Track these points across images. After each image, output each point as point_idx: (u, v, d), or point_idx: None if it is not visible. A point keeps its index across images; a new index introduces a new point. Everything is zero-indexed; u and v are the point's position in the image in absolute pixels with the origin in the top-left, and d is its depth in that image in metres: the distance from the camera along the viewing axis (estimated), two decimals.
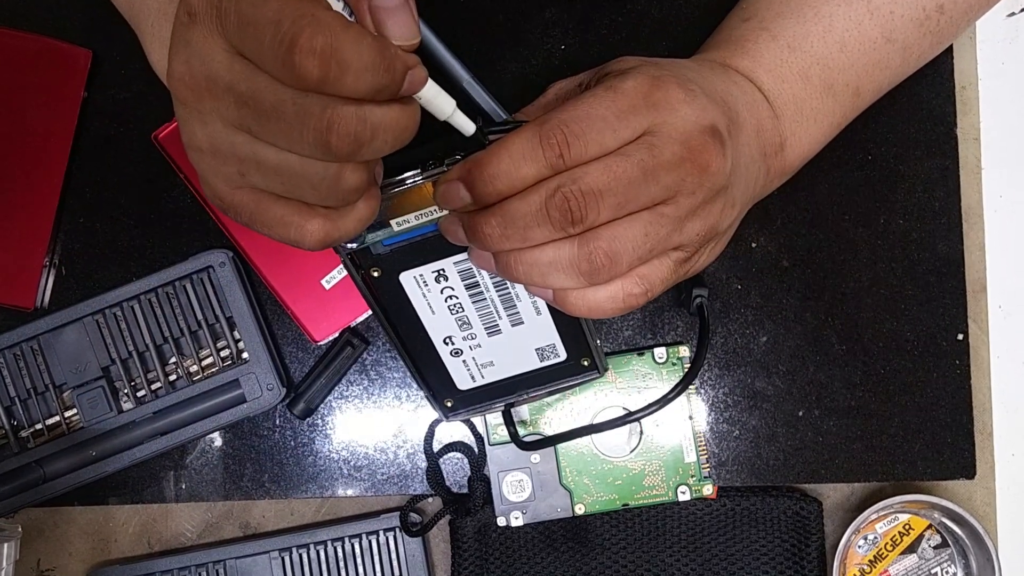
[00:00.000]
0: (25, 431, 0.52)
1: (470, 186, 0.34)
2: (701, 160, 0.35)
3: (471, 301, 0.41)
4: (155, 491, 0.53)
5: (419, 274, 0.40)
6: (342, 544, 0.53)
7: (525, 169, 0.34)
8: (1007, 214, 0.56)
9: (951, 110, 0.54)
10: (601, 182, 0.34)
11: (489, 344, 0.43)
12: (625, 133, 0.35)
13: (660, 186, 0.35)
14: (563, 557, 0.53)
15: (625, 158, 0.34)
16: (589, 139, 0.34)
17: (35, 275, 0.52)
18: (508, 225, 0.34)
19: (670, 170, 0.35)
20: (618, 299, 0.36)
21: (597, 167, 0.34)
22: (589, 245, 0.34)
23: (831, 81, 0.45)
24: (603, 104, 0.35)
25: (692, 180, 0.35)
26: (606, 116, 0.34)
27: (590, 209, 0.34)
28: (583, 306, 0.37)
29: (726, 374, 0.54)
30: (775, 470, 0.53)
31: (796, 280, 0.54)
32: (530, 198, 0.34)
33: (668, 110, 0.35)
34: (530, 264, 0.35)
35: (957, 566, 0.53)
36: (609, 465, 0.52)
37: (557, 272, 0.35)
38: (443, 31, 0.52)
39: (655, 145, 0.35)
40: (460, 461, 0.53)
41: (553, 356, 0.44)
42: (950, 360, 0.54)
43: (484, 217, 0.35)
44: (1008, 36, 0.56)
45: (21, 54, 0.52)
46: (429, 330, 0.43)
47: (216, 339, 0.52)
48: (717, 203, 0.37)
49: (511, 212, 0.34)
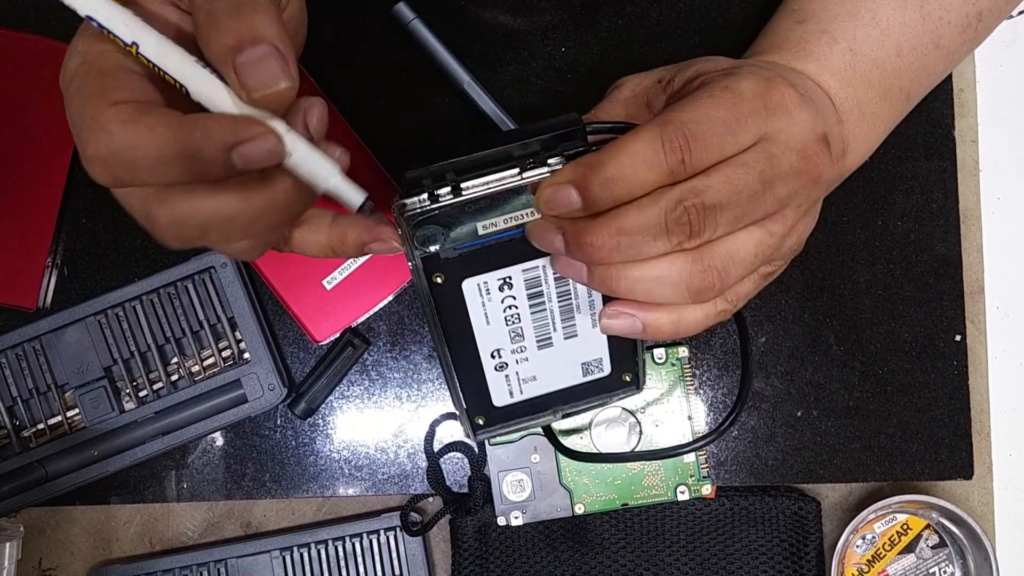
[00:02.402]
0: (27, 431, 0.52)
1: (583, 190, 0.31)
2: (815, 171, 0.34)
3: (530, 312, 0.39)
4: (157, 491, 0.54)
5: (483, 281, 0.37)
6: (343, 543, 0.53)
7: (645, 173, 0.31)
8: (1005, 216, 0.56)
9: (949, 112, 0.55)
10: (723, 195, 0.32)
11: (537, 357, 0.41)
12: (744, 139, 0.33)
13: (775, 198, 0.33)
14: (563, 557, 0.53)
15: (746, 169, 0.32)
16: (711, 144, 0.32)
17: (37, 275, 0.52)
18: (623, 239, 0.31)
19: (786, 182, 0.33)
20: (710, 318, 0.35)
21: (719, 179, 0.32)
22: (705, 262, 0.32)
23: (888, 86, 0.44)
24: (723, 107, 0.33)
25: (803, 193, 0.34)
26: (727, 120, 0.32)
27: (709, 224, 0.32)
28: (677, 329, 0.34)
29: (725, 374, 0.54)
30: (774, 470, 0.53)
31: (795, 281, 0.54)
32: (649, 210, 0.31)
33: (785, 115, 0.34)
34: (635, 279, 0.33)
35: (955, 566, 0.53)
36: (608, 465, 0.52)
37: (664, 288, 0.33)
38: (444, 34, 0.53)
39: (774, 155, 0.33)
40: (460, 461, 0.54)
41: (597, 371, 0.42)
42: (948, 361, 0.54)
43: (595, 228, 0.32)
44: (1006, 39, 0.57)
45: (23, 55, 0.52)
46: (479, 342, 0.40)
47: (218, 339, 0.52)
48: (814, 215, 0.36)
49: (627, 224, 0.31)
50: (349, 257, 0.35)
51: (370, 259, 0.52)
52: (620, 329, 0.35)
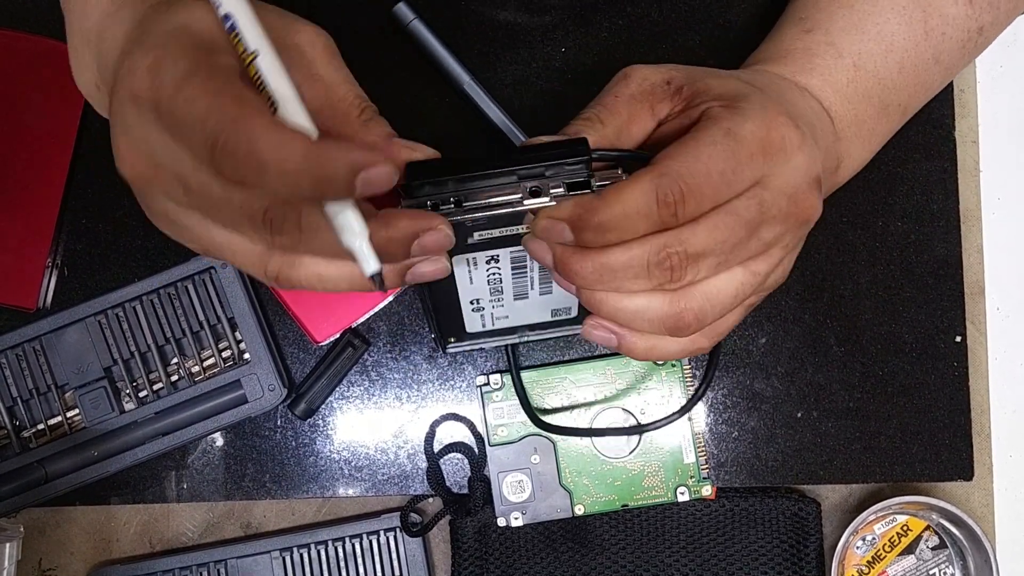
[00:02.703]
0: (27, 431, 0.52)
1: (577, 230, 0.33)
2: (803, 214, 0.35)
3: (512, 278, 0.41)
4: (157, 491, 0.54)
5: (472, 258, 0.39)
6: (343, 544, 0.53)
7: (637, 224, 0.32)
8: (1005, 216, 0.56)
9: (949, 113, 0.55)
10: (707, 244, 0.33)
11: (512, 305, 0.43)
12: (740, 186, 0.33)
13: (761, 242, 0.34)
14: (563, 557, 0.53)
15: (735, 217, 0.33)
16: (706, 196, 0.33)
17: (37, 276, 0.52)
18: (605, 273, 0.33)
19: (774, 226, 0.34)
20: (686, 350, 0.36)
21: (705, 227, 0.33)
22: (681, 304, 0.34)
23: (887, 101, 0.44)
24: (723, 157, 0.33)
25: (791, 235, 0.35)
26: (725, 172, 0.33)
27: (690, 269, 0.33)
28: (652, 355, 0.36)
29: (725, 375, 0.54)
30: (774, 471, 0.53)
31: (795, 282, 0.54)
32: (634, 251, 0.33)
33: (782, 159, 0.34)
34: (616, 308, 0.35)
35: (955, 567, 0.53)
36: (608, 466, 0.52)
37: (642, 321, 0.35)
38: (444, 34, 0.53)
39: (765, 201, 0.34)
40: (460, 462, 0.54)
41: (565, 314, 0.45)
42: (948, 362, 0.54)
43: (581, 258, 0.33)
44: (1006, 40, 0.57)
45: (24, 55, 0.52)
46: (461, 295, 0.42)
47: (218, 340, 0.52)
48: (799, 249, 0.36)
49: (612, 261, 0.33)
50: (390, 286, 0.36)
51: None
52: (597, 340, 0.37)
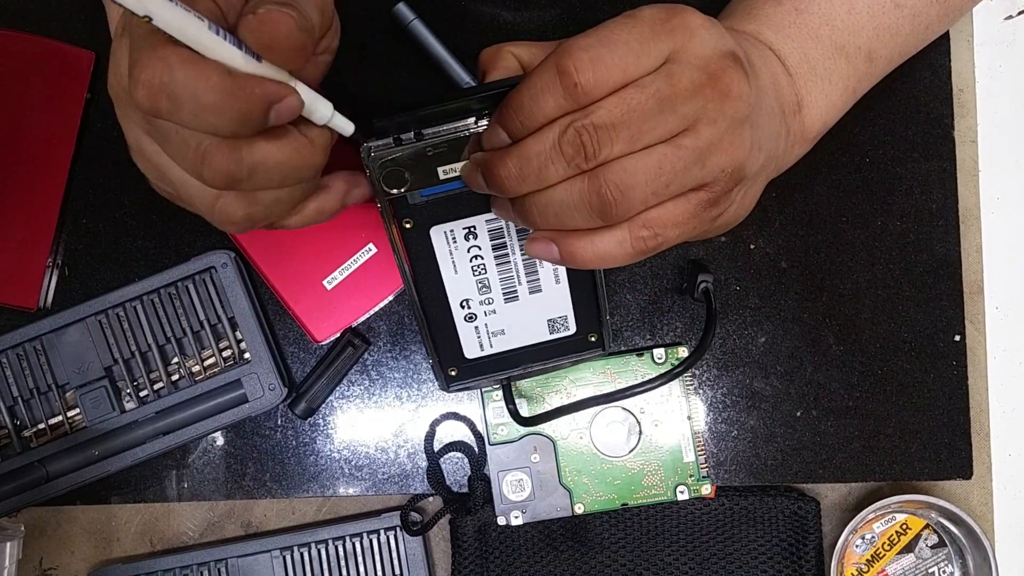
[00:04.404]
0: (28, 431, 0.52)
1: (504, 126, 0.34)
2: (722, 85, 0.34)
3: (495, 263, 0.41)
4: (157, 490, 0.54)
5: (450, 229, 0.40)
6: (343, 543, 0.53)
7: (544, 102, 0.32)
8: (1004, 216, 0.56)
9: (948, 112, 0.55)
10: (614, 115, 0.32)
11: (504, 310, 0.44)
12: (647, 61, 0.33)
13: (678, 116, 0.33)
14: (563, 556, 0.53)
15: (640, 89, 0.33)
16: (611, 65, 0.32)
17: (38, 275, 0.52)
18: (524, 165, 0.33)
19: (689, 98, 0.33)
20: (626, 243, 0.35)
21: (612, 100, 0.32)
22: (599, 179, 0.33)
23: (842, 43, 0.45)
24: (623, 29, 0.33)
25: (713, 107, 0.34)
26: (628, 41, 0.33)
27: (603, 144, 0.32)
28: (591, 255, 0.35)
29: (724, 374, 0.54)
30: (773, 470, 0.54)
31: (794, 281, 0.54)
32: (544, 135, 0.33)
33: (687, 35, 0.34)
34: (544, 204, 0.34)
35: (954, 566, 0.54)
36: (608, 465, 0.52)
37: (570, 211, 0.34)
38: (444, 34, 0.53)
39: (673, 73, 0.33)
40: (460, 461, 0.54)
41: (563, 329, 0.45)
42: (947, 361, 0.54)
43: (500, 158, 0.34)
44: (1005, 39, 0.57)
45: (24, 56, 0.52)
46: (449, 290, 0.42)
47: (218, 339, 0.52)
48: (743, 135, 0.35)
49: (525, 151, 0.33)
50: (332, 213, 0.39)
51: (370, 260, 0.52)
52: (539, 254, 0.36)
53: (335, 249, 0.52)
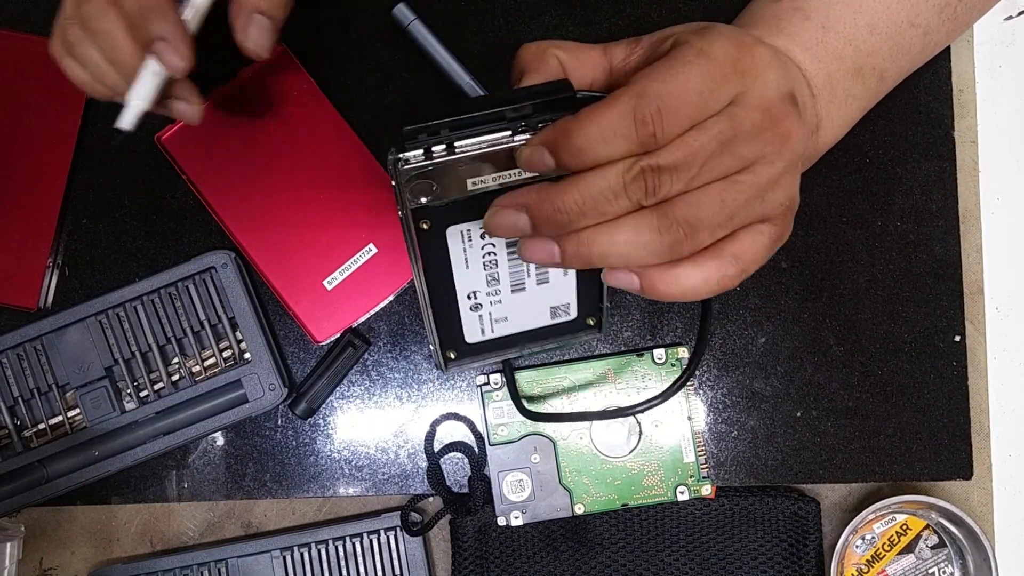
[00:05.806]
0: (28, 431, 0.52)
1: (555, 154, 0.33)
2: (782, 129, 0.35)
3: (508, 258, 0.41)
4: (157, 490, 0.54)
5: (466, 229, 0.39)
6: (343, 543, 0.53)
7: (617, 146, 0.32)
8: (1004, 216, 0.56)
9: (948, 113, 0.55)
10: (677, 157, 0.33)
11: (510, 300, 0.43)
12: (715, 106, 0.34)
13: (736, 157, 0.34)
14: (563, 556, 0.53)
15: (703, 132, 0.33)
16: (682, 116, 0.33)
17: (38, 275, 0.52)
18: (586, 198, 0.33)
19: (749, 141, 0.34)
20: (712, 281, 0.35)
21: (676, 143, 0.33)
22: (666, 216, 0.33)
23: (861, 64, 0.45)
24: (697, 74, 0.33)
25: (772, 150, 0.35)
26: (700, 90, 0.33)
27: (663, 183, 0.33)
28: (676, 289, 0.35)
29: (725, 375, 0.54)
30: (773, 470, 0.54)
31: (794, 282, 0.54)
32: (607, 173, 0.33)
33: (754, 76, 0.35)
34: (608, 243, 0.34)
35: (954, 566, 0.54)
36: (608, 465, 0.52)
37: (638, 250, 0.34)
38: (444, 34, 0.53)
39: (736, 115, 0.34)
40: (460, 461, 0.54)
41: (564, 315, 0.45)
42: (947, 361, 0.54)
43: (562, 190, 0.33)
44: (1005, 39, 0.57)
45: (25, 56, 0.52)
46: (457, 283, 0.42)
47: (218, 339, 0.52)
48: (797, 173, 0.36)
49: (588, 189, 0.33)
50: None
51: (370, 260, 0.52)
52: (618, 284, 0.36)
53: (335, 249, 0.52)
